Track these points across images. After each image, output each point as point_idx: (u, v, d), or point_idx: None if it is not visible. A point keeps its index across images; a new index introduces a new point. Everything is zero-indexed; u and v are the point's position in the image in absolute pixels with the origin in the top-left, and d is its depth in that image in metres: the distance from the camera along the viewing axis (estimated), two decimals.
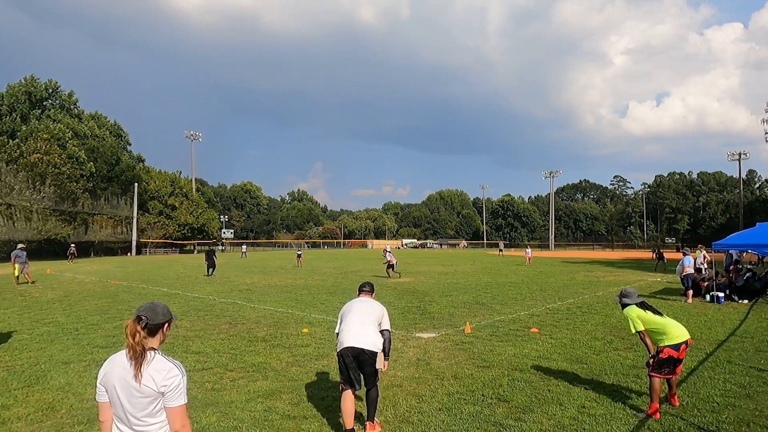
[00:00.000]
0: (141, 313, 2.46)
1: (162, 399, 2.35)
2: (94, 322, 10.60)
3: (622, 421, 4.90)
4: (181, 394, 2.37)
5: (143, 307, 2.51)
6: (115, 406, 2.39)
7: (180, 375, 2.39)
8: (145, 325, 2.44)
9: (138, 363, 2.34)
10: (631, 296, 5.59)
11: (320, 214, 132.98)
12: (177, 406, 2.36)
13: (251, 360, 7.28)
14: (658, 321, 5.33)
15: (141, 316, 2.45)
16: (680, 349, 5.20)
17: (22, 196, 42.65)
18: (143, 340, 2.40)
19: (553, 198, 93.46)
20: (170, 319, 2.57)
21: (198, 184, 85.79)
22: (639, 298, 5.59)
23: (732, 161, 67.03)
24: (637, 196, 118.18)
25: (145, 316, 2.45)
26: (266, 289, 17.17)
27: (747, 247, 15.39)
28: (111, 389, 2.37)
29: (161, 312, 2.51)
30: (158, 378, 2.33)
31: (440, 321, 10.69)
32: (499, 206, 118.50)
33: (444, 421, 4.93)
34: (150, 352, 2.41)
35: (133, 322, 2.43)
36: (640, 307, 5.48)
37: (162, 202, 65.04)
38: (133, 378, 2.33)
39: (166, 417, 2.38)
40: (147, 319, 2.45)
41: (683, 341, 5.18)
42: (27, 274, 19.57)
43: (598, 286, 18.33)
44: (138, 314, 2.46)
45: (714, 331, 9.38)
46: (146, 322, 2.44)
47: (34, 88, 58.07)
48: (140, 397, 2.33)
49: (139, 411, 2.35)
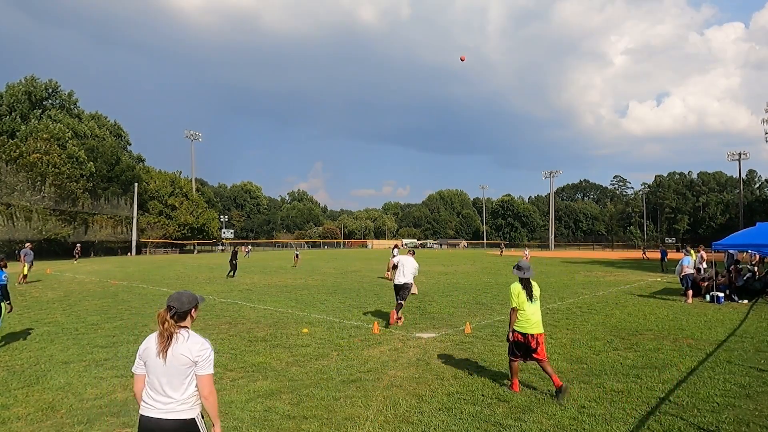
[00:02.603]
0: (170, 303, 2.87)
1: (194, 368, 2.79)
2: (94, 322, 10.59)
3: (622, 421, 4.90)
4: (209, 364, 2.82)
5: (172, 298, 2.91)
6: (151, 376, 2.81)
7: (210, 349, 2.85)
8: (174, 313, 2.84)
9: (163, 344, 2.78)
10: (521, 270, 5.87)
11: (320, 214, 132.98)
12: (206, 374, 2.81)
13: (251, 360, 7.28)
14: (525, 307, 5.74)
15: (170, 306, 2.86)
16: (527, 338, 5.68)
17: (22, 196, 42.64)
18: (172, 326, 2.81)
19: (553, 198, 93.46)
20: (197, 304, 2.98)
21: (198, 184, 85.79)
22: (528, 274, 5.84)
23: (732, 161, 67.20)
24: (637, 196, 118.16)
25: (173, 306, 2.86)
26: (266, 289, 17.17)
27: (747, 247, 15.38)
28: (149, 363, 2.81)
29: (187, 300, 2.92)
30: (194, 350, 2.78)
31: (440, 321, 10.68)
32: (499, 206, 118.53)
33: (444, 421, 4.93)
34: (183, 332, 2.84)
35: (164, 311, 2.84)
36: (523, 286, 5.81)
37: (162, 202, 65.05)
38: (161, 354, 2.77)
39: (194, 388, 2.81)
40: (175, 308, 2.86)
41: (531, 333, 5.66)
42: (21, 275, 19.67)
43: (598, 286, 18.32)
44: (168, 304, 2.87)
45: (714, 331, 9.38)
46: (175, 311, 2.85)
47: (34, 88, 58.08)
48: (176, 366, 2.76)
49: (176, 379, 2.77)
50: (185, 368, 2.78)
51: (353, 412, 5.17)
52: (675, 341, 8.52)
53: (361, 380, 6.26)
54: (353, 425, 4.82)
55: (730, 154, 67.00)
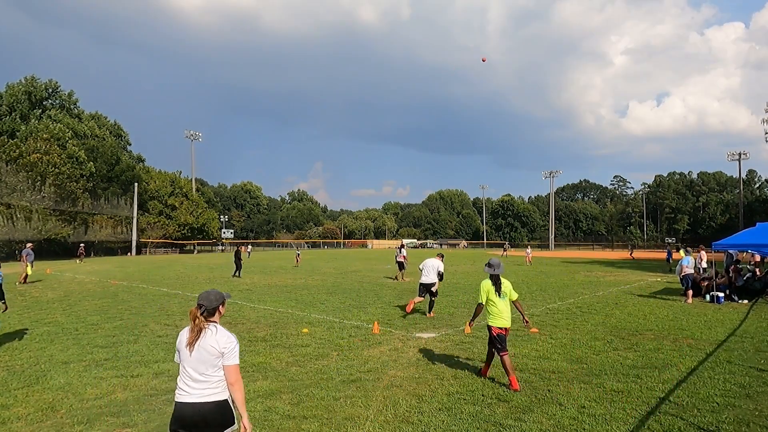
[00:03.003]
0: (200, 302, 3.21)
1: (222, 359, 3.10)
2: (94, 322, 10.59)
3: (622, 421, 4.90)
4: (235, 356, 3.14)
5: (201, 296, 3.25)
6: (184, 366, 3.14)
7: (235, 342, 3.17)
8: (204, 310, 3.17)
9: (192, 338, 3.11)
10: (491, 267, 6.18)
11: (320, 214, 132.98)
12: (232, 364, 3.12)
13: (251, 360, 7.28)
14: (495, 303, 6.08)
15: (200, 304, 3.19)
16: (504, 330, 6.09)
17: (23, 196, 42.64)
18: (201, 322, 3.14)
19: (553, 198, 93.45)
20: (223, 301, 3.29)
21: (198, 184, 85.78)
22: (498, 271, 6.12)
23: (732, 161, 67.12)
24: (637, 196, 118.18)
25: (203, 303, 3.19)
26: (266, 289, 17.17)
27: (747, 247, 15.38)
28: (182, 353, 3.14)
29: (214, 298, 3.24)
30: (221, 342, 3.10)
31: (440, 321, 10.68)
32: (499, 206, 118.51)
33: (444, 421, 4.93)
34: (212, 326, 3.16)
35: (195, 308, 3.17)
36: (493, 282, 6.12)
37: (162, 202, 65.03)
38: (187, 346, 3.11)
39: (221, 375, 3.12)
40: (205, 306, 3.19)
41: (502, 326, 6.04)
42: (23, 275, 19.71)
43: (598, 286, 18.32)
44: (198, 302, 3.21)
45: (714, 331, 9.38)
46: (204, 308, 3.18)
47: (34, 88, 58.07)
48: (205, 356, 3.08)
49: (207, 369, 3.09)
50: (214, 358, 3.09)
51: (353, 412, 5.17)
52: (675, 341, 8.52)
53: (361, 380, 6.26)
54: (353, 425, 4.82)
55: (730, 154, 67.01)
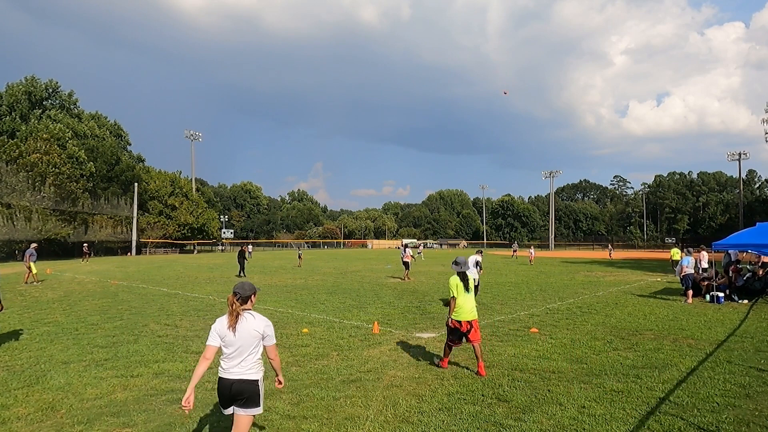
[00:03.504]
0: (236, 290, 3.73)
1: (263, 339, 3.72)
2: (94, 322, 10.59)
3: (622, 421, 4.90)
4: (273, 336, 3.79)
5: (237, 286, 3.77)
6: (228, 347, 3.64)
7: (272, 326, 3.81)
8: (239, 297, 3.70)
9: (232, 321, 3.64)
10: (458, 265, 6.73)
11: (320, 214, 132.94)
12: (272, 344, 3.79)
13: None
14: (461, 296, 6.57)
15: (236, 292, 3.72)
16: (462, 325, 6.53)
17: (23, 196, 42.62)
18: (237, 308, 3.67)
19: (553, 198, 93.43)
20: (255, 291, 3.84)
21: (198, 184, 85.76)
22: (465, 268, 6.70)
23: (732, 161, 67.15)
24: (637, 196, 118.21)
25: (238, 292, 3.72)
26: (266, 289, 17.16)
27: (747, 247, 15.37)
28: (225, 337, 3.64)
29: (248, 288, 3.78)
30: (262, 326, 3.70)
31: (440, 321, 10.68)
32: (499, 206, 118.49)
33: (444, 421, 4.93)
34: (248, 314, 3.71)
35: (232, 296, 3.71)
36: (461, 278, 6.60)
37: (162, 202, 64.99)
38: (231, 328, 3.62)
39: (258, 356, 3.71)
40: (240, 293, 3.71)
41: (465, 319, 6.51)
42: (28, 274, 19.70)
43: (598, 286, 18.32)
44: (234, 290, 3.73)
45: (714, 331, 9.38)
46: (240, 295, 3.71)
47: (34, 88, 58.08)
48: (247, 338, 3.64)
49: (247, 349, 3.65)
50: (255, 340, 3.68)
51: (353, 412, 5.17)
52: (675, 341, 8.52)
53: (361, 380, 6.26)
54: (353, 425, 4.82)
55: (730, 154, 67.01)
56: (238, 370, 3.64)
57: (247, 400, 3.66)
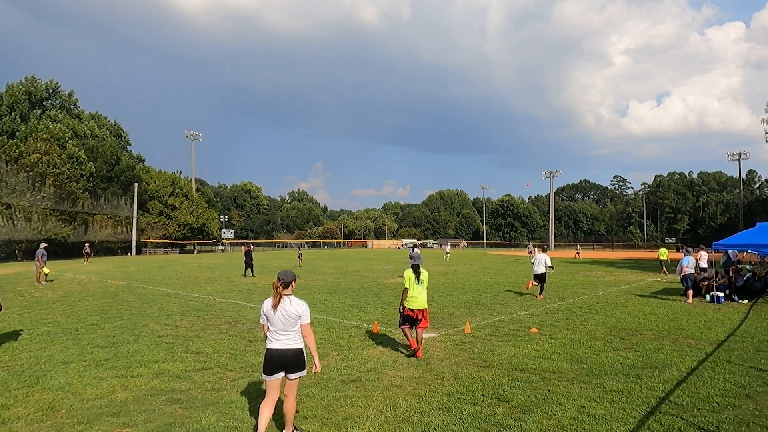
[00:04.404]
0: (279, 276, 4.53)
1: (299, 319, 4.48)
2: (94, 322, 10.59)
3: (622, 421, 4.90)
4: (308, 317, 4.54)
5: (280, 273, 4.57)
6: (274, 324, 4.47)
7: (308, 308, 4.58)
8: (282, 282, 4.49)
9: (275, 302, 4.46)
10: (413, 259, 7.41)
11: (320, 214, 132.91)
12: (306, 323, 4.53)
13: (251, 360, 7.28)
14: (413, 289, 7.28)
15: (279, 277, 4.52)
16: (414, 312, 7.27)
17: (23, 197, 42.61)
18: (281, 291, 4.47)
19: (553, 198, 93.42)
20: (295, 278, 4.61)
21: (198, 184, 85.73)
22: (419, 262, 7.35)
23: (732, 161, 67.13)
24: (637, 196, 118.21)
25: (281, 278, 4.51)
26: (266, 289, 17.15)
27: (747, 247, 15.38)
28: (270, 316, 4.47)
29: (289, 275, 4.57)
30: (299, 308, 4.49)
31: (440, 321, 10.68)
32: (499, 206, 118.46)
33: (444, 421, 4.93)
34: (287, 298, 4.50)
35: (276, 281, 4.49)
36: (414, 271, 7.31)
37: (162, 202, 64.95)
38: (274, 308, 4.45)
39: (297, 331, 4.51)
40: (282, 279, 4.51)
41: (417, 308, 7.24)
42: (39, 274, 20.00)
43: (598, 286, 18.32)
44: (278, 276, 4.53)
45: (714, 331, 9.38)
46: (283, 281, 4.50)
47: (34, 88, 58.05)
48: (287, 317, 4.43)
49: (288, 325, 4.46)
50: (293, 320, 4.45)
51: (353, 412, 5.17)
52: (675, 341, 8.52)
53: (361, 380, 6.27)
54: (353, 425, 4.82)
55: (730, 154, 66.98)
56: (283, 342, 4.45)
57: (292, 365, 4.47)
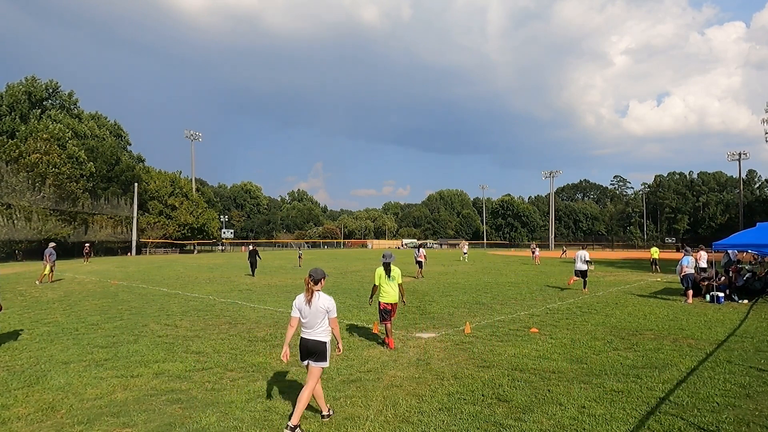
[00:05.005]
0: (311, 273, 4.91)
1: (327, 313, 4.87)
2: (94, 322, 10.59)
3: (622, 421, 4.90)
4: (335, 311, 4.93)
5: (311, 271, 4.93)
6: (304, 318, 4.87)
7: (335, 303, 4.98)
8: (313, 279, 4.87)
9: (308, 297, 4.85)
10: (385, 257, 8.09)
11: (320, 214, 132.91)
12: (334, 317, 4.93)
13: (251, 360, 7.28)
14: (384, 284, 8.04)
15: (311, 274, 4.89)
16: (390, 306, 8.01)
17: (22, 196, 42.60)
18: (312, 286, 4.85)
19: (553, 198, 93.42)
20: (325, 276, 4.99)
21: (198, 184, 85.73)
22: (390, 260, 8.04)
23: (732, 161, 67.15)
24: (637, 196, 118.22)
25: (312, 275, 4.89)
26: (266, 289, 17.16)
27: (747, 247, 15.38)
28: (302, 310, 4.88)
29: (319, 273, 4.94)
30: (327, 303, 4.88)
31: (440, 321, 10.68)
32: (499, 206, 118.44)
33: (444, 421, 4.94)
34: (317, 292, 4.87)
35: (308, 277, 4.88)
36: (385, 269, 8.04)
37: (162, 202, 64.94)
38: (307, 303, 4.85)
39: (326, 324, 4.88)
40: (313, 276, 4.88)
41: (390, 302, 8.00)
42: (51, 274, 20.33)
43: (598, 286, 18.32)
44: (309, 273, 4.90)
45: (714, 331, 9.38)
46: (314, 278, 4.87)
47: (34, 88, 58.02)
48: (317, 312, 4.83)
49: (317, 319, 4.84)
50: (322, 314, 4.84)
51: (353, 412, 5.17)
52: (675, 341, 8.52)
53: (361, 380, 6.27)
54: (353, 425, 4.82)
55: (730, 154, 66.99)
56: (312, 333, 4.84)
57: (318, 355, 4.84)
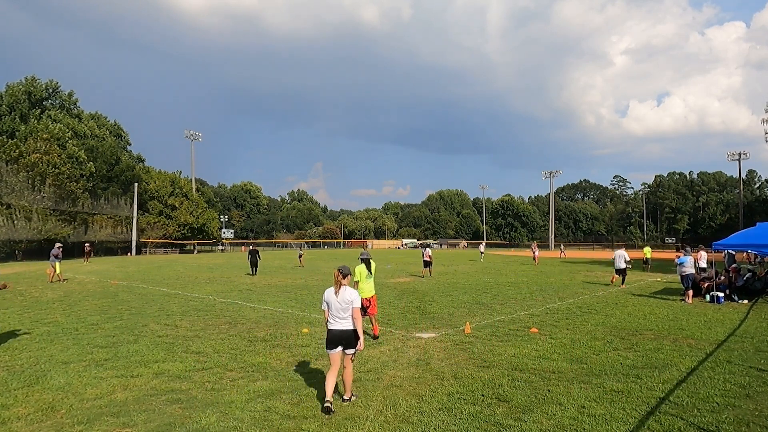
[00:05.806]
0: (339, 269, 5.44)
1: (352, 303, 5.33)
2: (94, 322, 10.59)
3: (622, 421, 4.90)
4: (358, 302, 5.39)
5: (341, 267, 5.48)
6: (332, 309, 5.40)
7: (359, 295, 5.49)
8: (342, 273, 5.42)
9: (336, 290, 5.38)
10: (362, 255, 8.85)
11: (320, 214, 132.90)
12: (356, 307, 5.36)
13: (251, 360, 7.29)
14: (363, 281, 8.60)
15: (340, 269, 5.44)
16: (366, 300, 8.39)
17: (22, 196, 42.60)
18: (341, 280, 5.39)
19: (553, 198, 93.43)
20: (350, 272, 5.55)
21: (198, 184, 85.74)
22: (367, 256, 8.83)
23: (732, 161, 67.13)
24: (637, 196, 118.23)
25: (341, 270, 5.43)
26: (266, 289, 17.17)
27: (747, 247, 15.39)
28: (330, 302, 5.40)
29: (346, 270, 5.49)
30: (351, 295, 5.39)
31: (440, 321, 10.68)
32: (499, 206, 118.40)
33: (444, 421, 4.94)
34: (344, 286, 5.41)
35: (337, 272, 5.42)
36: (366, 266, 8.68)
37: (162, 202, 64.94)
38: (335, 295, 5.37)
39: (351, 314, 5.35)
40: (342, 270, 5.44)
41: (366, 297, 8.41)
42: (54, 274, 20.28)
43: (598, 286, 18.32)
44: (338, 269, 5.44)
45: (714, 331, 9.38)
46: (343, 272, 5.43)
47: (34, 88, 58.05)
48: (343, 303, 5.34)
49: (342, 311, 5.35)
50: (348, 305, 5.34)
51: (353, 412, 5.17)
52: (675, 341, 8.52)
53: (361, 380, 6.27)
54: (353, 425, 4.82)
55: (730, 154, 66.98)
56: (340, 323, 5.34)
57: (347, 342, 5.34)
